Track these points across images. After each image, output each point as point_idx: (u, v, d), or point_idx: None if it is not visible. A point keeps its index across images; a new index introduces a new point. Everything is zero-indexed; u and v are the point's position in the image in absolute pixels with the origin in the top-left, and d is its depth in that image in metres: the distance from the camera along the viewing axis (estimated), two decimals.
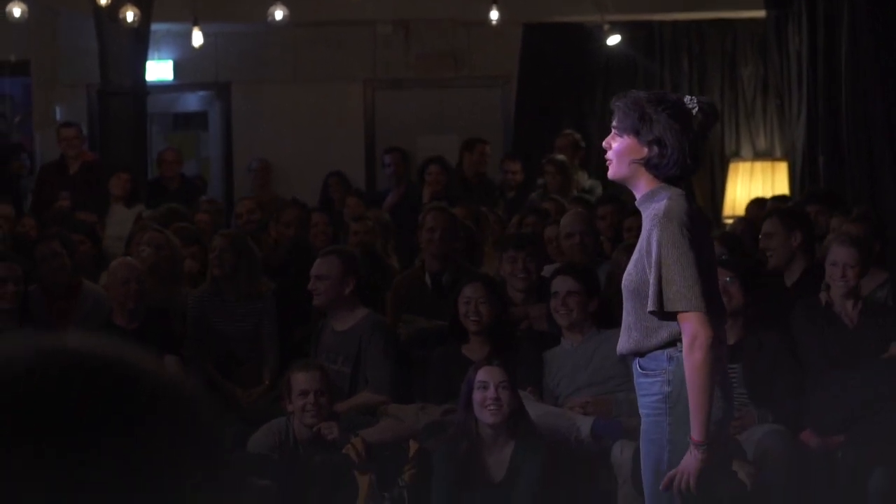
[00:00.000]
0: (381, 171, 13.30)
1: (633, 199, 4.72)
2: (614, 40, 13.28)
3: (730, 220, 12.11)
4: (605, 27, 13.19)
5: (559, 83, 13.95)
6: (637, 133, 4.56)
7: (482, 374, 6.22)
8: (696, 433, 4.43)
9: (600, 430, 6.51)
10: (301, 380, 6.54)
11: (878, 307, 7.12)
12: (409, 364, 7.32)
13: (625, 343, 4.64)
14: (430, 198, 11.09)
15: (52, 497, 1.01)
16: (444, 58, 14.09)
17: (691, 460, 4.46)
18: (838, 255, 6.86)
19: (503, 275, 7.78)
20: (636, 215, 8.75)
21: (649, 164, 4.56)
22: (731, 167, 13.35)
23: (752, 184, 13.09)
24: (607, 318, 7.02)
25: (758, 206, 10.90)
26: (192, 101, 15.12)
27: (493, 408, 6.17)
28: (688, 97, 4.64)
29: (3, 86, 14.27)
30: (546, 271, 7.70)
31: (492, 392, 6.17)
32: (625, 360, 6.19)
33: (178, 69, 13.97)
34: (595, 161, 13.64)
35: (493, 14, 12.35)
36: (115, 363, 1.08)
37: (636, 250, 4.60)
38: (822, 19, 11.16)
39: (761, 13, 13.02)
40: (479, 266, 8.71)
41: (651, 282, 4.45)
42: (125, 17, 11.23)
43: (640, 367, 4.61)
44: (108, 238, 10.21)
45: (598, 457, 6.50)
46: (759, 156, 13.66)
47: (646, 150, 4.55)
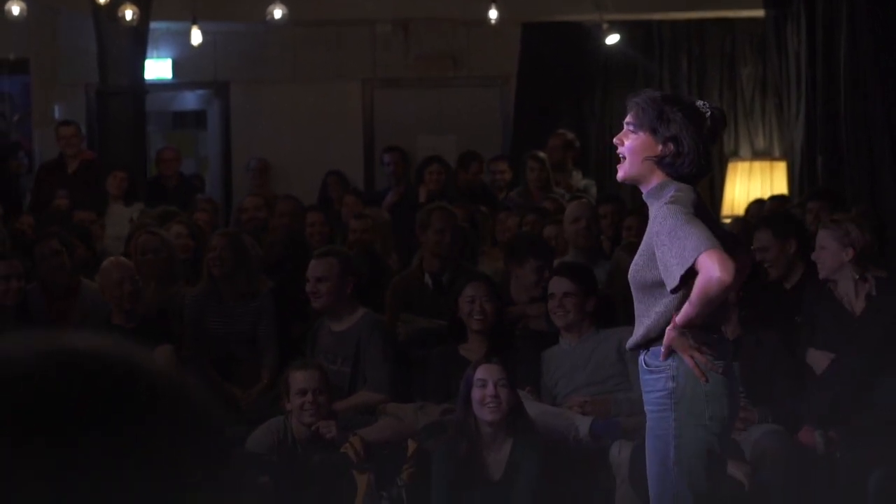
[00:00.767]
0: (380, 170, 13.30)
1: (633, 200, 4.73)
2: (613, 40, 13.28)
3: (728, 220, 12.10)
4: (604, 27, 13.18)
5: (558, 83, 13.94)
6: (654, 130, 4.56)
7: (481, 372, 6.21)
8: (680, 318, 4.44)
9: (599, 430, 6.50)
10: (299, 379, 6.53)
11: (886, 298, 7.03)
12: (408, 364, 7.32)
13: (634, 335, 4.64)
14: (427, 197, 11.08)
15: (53, 496, 1.01)
16: (443, 57, 14.08)
17: (673, 337, 4.49)
18: (819, 239, 6.80)
19: (514, 276, 7.74)
20: (636, 215, 8.80)
21: (663, 162, 4.55)
22: (730, 167, 13.34)
23: (750, 183, 13.09)
24: (607, 317, 7.02)
25: (758, 207, 10.90)
26: (190, 100, 15.11)
27: (492, 405, 6.17)
28: (700, 102, 4.67)
29: (1, 84, 14.24)
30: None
31: (491, 389, 6.16)
32: (630, 356, 6.23)
33: (176, 68, 13.95)
34: (592, 161, 13.67)
35: (492, 14, 12.34)
36: (116, 362, 1.08)
37: (643, 241, 4.60)
38: (821, 19, 11.16)
39: (760, 13, 13.02)
40: (476, 266, 8.70)
41: (660, 266, 4.44)
42: (124, 16, 11.23)
43: (645, 363, 4.62)
44: (107, 238, 10.19)
45: (596, 456, 6.49)
46: (757, 155, 13.66)
47: (661, 147, 4.55)
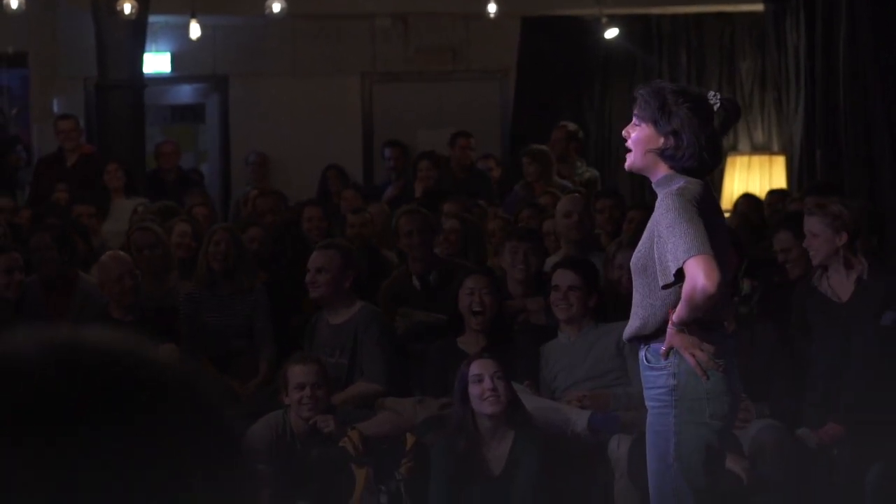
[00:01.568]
0: (380, 164, 13.30)
1: (632, 194, 4.74)
2: (612, 34, 13.27)
3: (727, 215, 12.09)
4: (604, 20, 13.17)
5: (558, 77, 13.93)
6: (655, 123, 4.57)
7: (475, 367, 6.22)
8: (675, 317, 4.47)
9: (597, 424, 6.50)
10: (298, 373, 6.52)
11: (875, 280, 6.92)
12: (407, 357, 7.32)
13: (630, 324, 4.64)
14: (422, 193, 11.10)
15: (54, 494, 1.00)
16: (442, 51, 14.07)
17: (672, 334, 4.51)
18: (805, 226, 6.70)
19: (503, 266, 7.77)
20: (638, 209, 8.78)
21: (664, 155, 4.57)
22: (729, 161, 13.32)
23: (749, 178, 13.08)
24: (603, 312, 7.02)
25: (747, 201, 10.80)
26: (189, 94, 15.09)
27: (491, 398, 6.17)
28: (711, 92, 4.64)
29: (0, 78, 14.24)
30: (546, 265, 7.70)
31: (488, 383, 6.17)
32: (629, 351, 6.23)
33: (175, 62, 13.94)
34: (592, 154, 13.66)
35: (492, 8, 12.34)
36: (119, 357, 1.07)
37: (647, 227, 4.60)
38: (820, 13, 11.15)
39: (759, 7, 13.01)
40: (484, 259, 8.69)
41: (656, 258, 4.45)
42: (123, 10, 11.21)
43: (646, 360, 4.62)
44: (104, 233, 10.16)
45: (595, 450, 6.49)
46: (756, 150, 13.65)
47: (662, 140, 4.56)
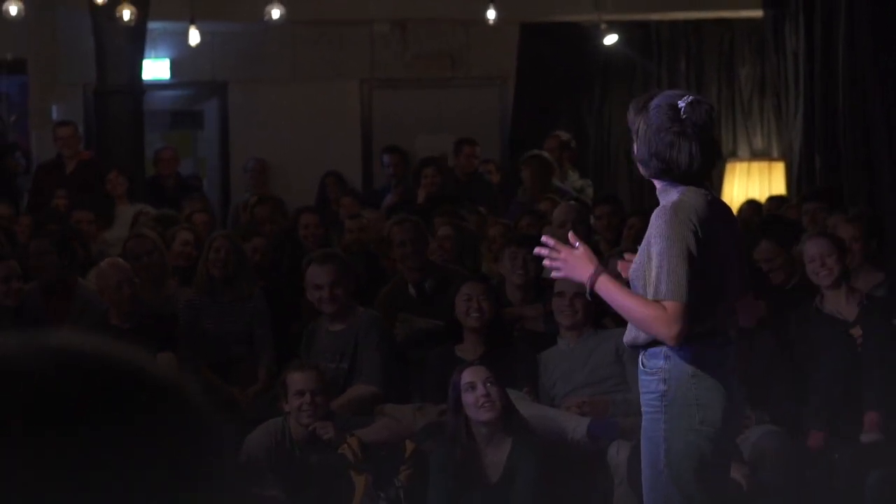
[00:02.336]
0: (379, 170, 13.30)
1: (631, 200, 4.77)
2: (611, 40, 13.28)
3: None
4: (603, 27, 13.18)
5: (557, 83, 13.94)
6: (634, 136, 4.67)
7: (467, 375, 6.23)
8: (604, 289, 4.52)
9: (596, 431, 6.50)
10: (297, 380, 6.52)
11: (879, 300, 7.01)
12: (406, 364, 7.32)
13: (628, 332, 4.67)
14: (425, 199, 11.10)
15: (54, 494, 1.01)
16: (441, 57, 14.07)
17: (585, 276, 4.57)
18: (812, 249, 6.78)
19: (502, 272, 7.77)
20: (637, 215, 8.78)
21: (646, 165, 4.64)
22: (728, 167, 13.34)
23: (748, 184, 13.09)
24: (601, 318, 7.02)
25: (751, 207, 10.85)
26: (188, 100, 15.09)
27: (486, 405, 6.18)
28: (681, 101, 4.56)
29: None
30: (545, 272, 7.69)
31: (481, 390, 6.18)
32: (629, 357, 6.24)
33: (174, 68, 13.94)
34: (591, 161, 13.67)
35: (491, 14, 12.34)
36: (115, 362, 1.08)
37: (644, 240, 4.62)
38: (819, 19, 11.15)
39: (759, 13, 13.01)
40: (479, 265, 8.69)
41: (649, 273, 4.48)
42: (122, 16, 11.22)
43: (642, 364, 4.63)
44: (112, 240, 10.10)
45: (594, 457, 6.49)
46: (756, 156, 13.66)
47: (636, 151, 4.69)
